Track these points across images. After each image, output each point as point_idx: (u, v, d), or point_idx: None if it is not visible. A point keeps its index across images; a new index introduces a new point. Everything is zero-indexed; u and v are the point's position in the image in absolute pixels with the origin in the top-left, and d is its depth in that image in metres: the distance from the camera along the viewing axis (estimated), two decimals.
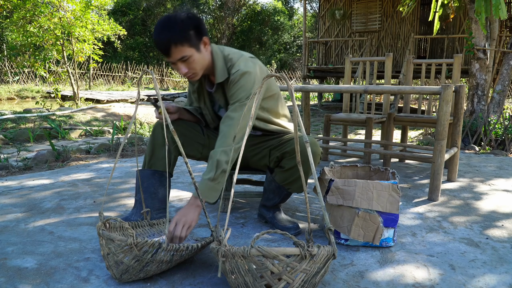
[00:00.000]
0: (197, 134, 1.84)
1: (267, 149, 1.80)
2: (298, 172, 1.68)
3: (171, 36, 1.49)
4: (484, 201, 2.34)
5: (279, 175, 1.75)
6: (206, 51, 1.60)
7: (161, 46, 1.51)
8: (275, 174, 1.77)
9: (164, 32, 1.50)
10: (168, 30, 1.49)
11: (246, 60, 1.65)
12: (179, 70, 1.56)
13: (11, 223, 1.88)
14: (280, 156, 1.73)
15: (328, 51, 11.22)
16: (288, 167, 1.70)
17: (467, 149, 4.21)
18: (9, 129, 5.13)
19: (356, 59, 3.59)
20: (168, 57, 1.53)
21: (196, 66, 1.57)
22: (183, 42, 1.50)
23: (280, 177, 1.75)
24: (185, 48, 1.51)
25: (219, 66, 1.63)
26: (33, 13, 7.76)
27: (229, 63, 1.64)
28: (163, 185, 1.76)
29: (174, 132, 1.32)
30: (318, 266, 1.16)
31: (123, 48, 20.20)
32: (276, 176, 1.76)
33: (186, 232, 1.43)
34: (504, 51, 5.08)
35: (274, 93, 1.78)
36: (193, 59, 1.55)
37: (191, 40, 1.52)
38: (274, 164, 1.78)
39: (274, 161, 1.76)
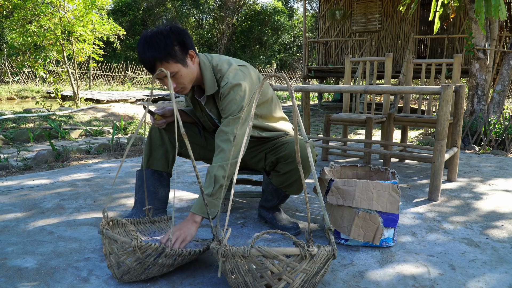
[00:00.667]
0: (195, 135, 1.84)
1: (262, 152, 1.79)
2: (294, 175, 1.67)
3: (155, 54, 1.45)
4: (484, 201, 2.34)
5: (276, 179, 1.74)
6: (193, 64, 1.56)
7: (146, 64, 1.47)
8: (272, 177, 1.77)
9: (148, 50, 1.45)
10: (152, 48, 1.45)
11: (236, 70, 1.59)
12: (166, 83, 1.52)
13: (11, 223, 1.88)
14: (275, 161, 1.71)
15: (328, 51, 11.22)
16: (283, 172, 1.69)
17: (467, 149, 4.21)
18: (9, 129, 5.13)
19: (356, 59, 3.59)
20: (152, 72, 1.49)
21: (184, 81, 1.54)
22: (168, 59, 1.47)
23: (276, 180, 1.74)
24: (171, 65, 1.48)
25: (208, 78, 1.59)
26: (33, 13, 7.76)
27: (218, 74, 1.60)
28: (162, 185, 1.77)
29: (184, 135, 1.28)
30: (318, 266, 1.16)
31: (123, 48, 20.19)
32: (273, 179, 1.76)
33: (180, 246, 1.38)
34: (504, 51, 5.08)
35: (268, 98, 1.73)
36: (180, 74, 1.51)
37: (176, 56, 1.48)
38: (270, 168, 1.77)
39: (269, 165, 1.76)
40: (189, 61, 1.54)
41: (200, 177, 1.38)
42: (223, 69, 1.60)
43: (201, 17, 23.57)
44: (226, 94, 1.55)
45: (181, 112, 1.82)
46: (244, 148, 1.30)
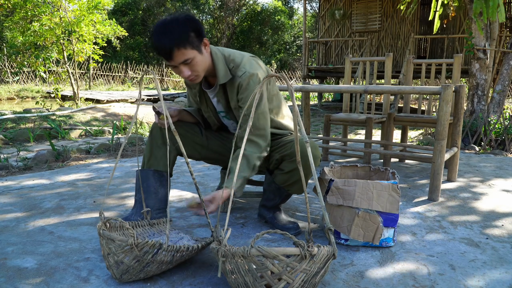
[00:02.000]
0: (196, 135, 1.84)
1: None
2: (298, 174, 1.67)
3: (173, 39, 1.46)
4: (484, 201, 2.34)
5: (279, 177, 1.75)
6: (206, 52, 1.59)
7: (163, 50, 1.48)
8: (275, 175, 1.77)
9: (165, 36, 1.47)
10: (169, 34, 1.47)
11: (250, 60, 1.64)
12: (182, 73, 1.54)
13: (11, 223, 1.88)
14: (280, 159, 1.72)
15: (328, 51, 11.22)
16: (288, 170, 1.69)
17: (467, 149, 4.21)
18: (9, 129, 5.13)
19: (356, 59, 3.59)
20: (170, 61, 1.50)
21: (199, 68, 1.55)
22: (185, 45, 1.48)
23: (279, 179, 1.75)
24: (188, 51, 1.49)
25: (220, 67, 1.62)
26: (33, 13, 7.76)
27: (232, 64, 1.63)
28: (162, 185, 1.77)
29: (175, 133, 1.32)
30: (318, 266, 1.16)
31: (123, 48, 20.19)
32: (276, 178, 1.76)
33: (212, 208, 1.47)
34: (504, 51, 5.08)
35: (275, 92, 1.77)
36: (195, 61, 1.53)
37: (192, 43, 1.50)
38: (274, 166, 1.77)
39: (273, 163, 1.76)
40: (203, 49, 1.57)
41: (193, 173, 1.39)
42: (236, 59, 1.63)
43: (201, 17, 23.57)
44: (246, 84, 1.59)
45: (184, 112, 1.82)
46: (243, 145, 1.31)
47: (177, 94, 11.30)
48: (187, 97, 1.94)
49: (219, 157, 1.91)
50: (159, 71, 18.68)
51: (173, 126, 1.32)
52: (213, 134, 1.89)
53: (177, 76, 19.12)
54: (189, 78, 1.57)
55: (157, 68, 19.02)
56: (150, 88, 16.04)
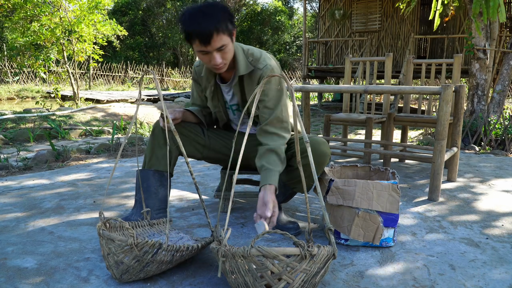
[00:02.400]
0: (198, 135, 1.84)
1: None
2: (306, 171, 1.68)
3: (214, 23, 1.45)
4: (484, 201, 2.34)
5: (287, 174, 1.75)
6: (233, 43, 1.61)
7: (203, 33, 1.46)
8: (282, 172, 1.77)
9: (206, 19, 1.46)
10: (210, 17, 1.46)
11: (268, 56, 1.70)
12: (213, 59, 1.52)
13: (11, 223, 1.88)
14: (289, 155, 1.72)
15: (328, 51, 11.22)
16: (296, 166, 1.70)
17: (467, 149, 4.21)
18: (9, 129, 5.13)
19: (356, 59, 3.59)
20: (207, 45, 1.47)
21: (228, 57, 1.56)
22: (224, 31, 1.48)
23: (287, 176, 1.75)
24: (225, 37, 1.50)
25: (241, 58, 1.64)
26: (33, 13, 7.76)
27: (250, 58, 1.66)
28: (163, 185, 1.76)
29: (175, 133, 1.32)
30: (318, 266, 1.16)
31: (123, 48, 20.19)
32: (282, 175, 1.76)
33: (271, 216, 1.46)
34: (504, 51, 5.07)
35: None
36: (228, 48, 1.54)
37: (229, 30, 1.51)
38: None
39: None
40: (233, 39, 1.58)
41: (193, 173, 1.39)
42: (255, 53, 1.67)
43: None
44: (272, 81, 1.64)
45: (187, 112, 1.82)
46: (244, 144, 1.31)
47: (177, 94, 11.30)
48: (191, 95, 1.94)
49: (220, 157, 1.91)
50: (159, 71, 18.68)
51: (173, 126, 1.32)
52: (215, 134, 1.89)
53: (177, 76, 19.10)
54: (219, 66, 1.55)
55: (157, 68, 19.02)
56: (150, 88, 16.03)
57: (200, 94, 1.87)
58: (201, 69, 1.80)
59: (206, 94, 1.83)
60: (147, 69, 1.43)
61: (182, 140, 1.79)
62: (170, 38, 21.18)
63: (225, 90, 1.77)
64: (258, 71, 1.65)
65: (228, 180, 1.97)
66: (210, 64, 1.56)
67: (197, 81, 1.83)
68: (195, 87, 1.87)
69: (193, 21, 1.46)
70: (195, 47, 1.51)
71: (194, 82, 1.86)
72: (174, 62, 22.85)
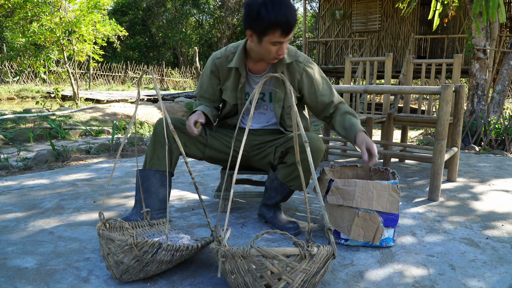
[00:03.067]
0: (200, 134, 1.84)
1: (272, 146, 1.81)
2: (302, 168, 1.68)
3: (295, 15, 1.53)
4: (484, 201, 2.34)
5: (282, 171, 1.75)
6: None
7: (289, 23, 1.51)
8: (278, 171, 1.78)
9: (291, 11, 1.51)
10: (293, 9, 1.52)
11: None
12: (282, 50, 1.59)
13: (11, 223, 1.88)
14: (285, 151, 1.73)
15: (328, 51, 11.22)
16: (291, 162, 1.70)
17: (467, 149, 4.21)
18: (9, 129, 5.14)
19: (356, 59, 3.59)
20: (286, 36, 1.54)
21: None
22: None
23: (283, 173, 1.75)
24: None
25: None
26: (33, 13, 7.76)
27: (287, 50, 1.73)
28: (163, 185, 1.76)
29: (174, 132, 1.33)
30: (318, 266, 1.16)
31: (123, 48, 20.19)
32: (279, 173, 1.77)
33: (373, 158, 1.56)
34: (504, 51, 5.08)
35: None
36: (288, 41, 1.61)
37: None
38: (278, 161, 1.78)
39: (278, 158, 1.77)
40: None
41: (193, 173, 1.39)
42: (290, 47, 1.75)
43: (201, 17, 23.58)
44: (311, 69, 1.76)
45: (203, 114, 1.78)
46: (244, 141, 1.31)
47: (177, 94, 11.30)
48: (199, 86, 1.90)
49: (222, 156, 1.90)
50: (159, 71, 18.68)
51: (171, 126, 1.32)
52: (217, 133, 1.88)
53: (177, 76, 19.10)
54: (280, 57, 1.63)
55: (157, 68, 19.02)
56: (150, 88, 16.03)
57: (215, 87, 1.84)
58: (223, 61, 1.79)
59: (224, 86, 1.81)
60: (146, 70, 1.42)
61: (184, 139, 1.79)
62: (170, 38, 21.19)
63: (257, 80, 1.79)
64: (299, 63, 1.73)
65: (228, 180, 1.96)
66: (274, 55, 1.61)
67: (216, 73, 1.82)
68: (211, 80, 1.84)
69: (278, 11, 1.49)
70: (270, 38, 1.54)
71: (211, 74, 1.83)
72: (174, 62, 22.86)
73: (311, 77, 1.75)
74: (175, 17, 21.57)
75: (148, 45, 21.61)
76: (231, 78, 1.79)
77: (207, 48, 22.95)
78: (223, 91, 1.84)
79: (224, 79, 1.81)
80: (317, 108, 1.80)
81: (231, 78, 1.79)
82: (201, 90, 1.89)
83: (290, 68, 1.74)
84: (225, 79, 1.81)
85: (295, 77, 1.74)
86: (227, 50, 1.81)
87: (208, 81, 1.85)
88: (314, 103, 1.79)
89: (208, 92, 1.87)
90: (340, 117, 1.76)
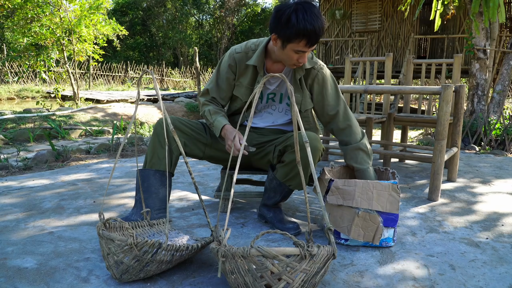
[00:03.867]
0: (200, 133, 1.84)
1: (272, 146, 1.81)
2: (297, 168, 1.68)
3: (324, 28, 1.53)
4: (484, 201, 2.34)
5: (280, 171, 1.75)
6: None
7: (315, 36, 1.52)
8: (277, 171, 1.78)
9: (320, 23, 1.51)
10: (322, 22, 1.52)
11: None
12: (302, 58, 1.60)
13: (11, 223, 1.88)
14: (282, 150, 1.73)
15: (328, 51, 11.22)
16: (288, 161, 1.70)
17: (467, 149, 4.21)
18: (9, 129, 5.14)
19: (356, 59, 3.59)
20: (310, 46, 1.55)
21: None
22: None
23: (281, 172, 1.75)
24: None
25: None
26: (34, 13, 7.76)
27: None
28: (163, 184, 1.76)
29: (174, 132, 1.33)
30: (318, 266, 1.16)
31: (123, 48, 20.19)
32: (278, 173, 1.77)
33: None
34: (504, 51, 5.08)
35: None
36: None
37: None
38: (277, 160, 1.78)
39: (277, 156, 1.77)
40: None
41: (193, 173, 1.39)
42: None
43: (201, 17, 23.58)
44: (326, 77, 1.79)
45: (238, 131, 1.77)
46: (244, 140, 1.31)
47: (177, 94, 11.30)
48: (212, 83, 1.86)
49: (222, 156, 1.90)
50: (159, 71, 18.68)
51: (171, 126, 1.32)
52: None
53: (177, 76, 19.10)
54: (300, 65, 1.64)
55: (157, 68, 19.02)
56: (150, 88, 16.03)
57: (231, 82, 1.82)
58: (242, 56, 1.78)
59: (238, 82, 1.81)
60: (146, 70, 1.42)
61: (184, 138, 1.79)
62: (170, 38, 21.19)
63: (272, 81, 1.81)
64: (314, 70, 1.76)
65: (228, 180, 1.96)
66: (294, 61, 1.61)
67: (233, 68, 1.80)
68: (228, 74, 1.81)
69: (309, 21, 1.49)
70: (294, 46, 1.55)
71: (227, 69, 1.80)
72: (174, 62, 22.87)
73: (323, 84, 1.78)
74: (175, 17, 21.57)
75: (148, 45, 21.61)
76: (248, 75, 1.79)
77: (207, 48, 22.96)
78: (236, 87, 1.83)
79: (240, 75, 1.80)
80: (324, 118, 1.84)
81: (248, 75, 1.79)
82: (214, 85, 1.85)
83: (309, 73, 1.77)
84: (240, 75, 1.80)
85: (308, 79, 1.78)
86: (247, 47, 1.79)
87: (224, 75, 1.82)
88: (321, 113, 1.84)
89: (222, 89, 1.84)
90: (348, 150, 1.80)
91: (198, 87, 7.90)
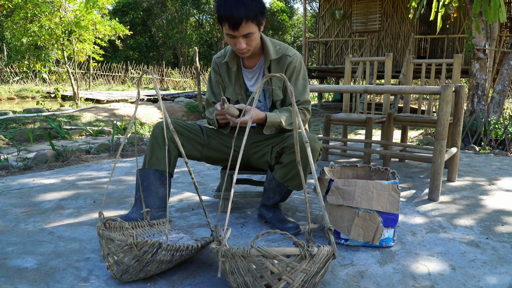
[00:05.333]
0: (197, 134, 1.85)
1: (269, 146, 1.81)
2: (297, 167, 1.68)
3: (246, 12, 1.56)
4: (484, 201, 2.34)
5: (279, 172, 1.75)
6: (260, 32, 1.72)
7: (233, 19, 1.56)
8: (275, 171, 1.78)
9: (239, 6, 1.55)
10: (244, 7, 1.56)
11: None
12: (238, 44, 1.64)
13: (11, 223, 1.88)
14: (280, 151, 1.74)
15: (328, 51, 11.22)
16: (286, 162, 1.70)
17: (467, 149, 4.21)
18: (9, 129, 5.14)
19: (356, 59, 3.58)
20: (234, 30, 1.59)
21: (253, 44, 1.68)
22: (253, 20, 1.59)
23: (279, 173, 1.75)
24: (253, 26, 1.61)
25: (270, 45, 1.78)
26: (34, 13, 7.76)
27: (278, 46, 1.81)
28: (163, 184, 1.77)
29: (174, 132, 1.33)
30: (318, 266, 1.16)
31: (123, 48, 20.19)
32: (276, 174, 1.77)
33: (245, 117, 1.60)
34: (504, 51, 5.07)
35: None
36: (254, 36, 1.65)
37: (258, 19, 1.62)
38: (275, 161, 1.78)
39: (274, 157, 1.77)
40: (261, 28, 1.70)
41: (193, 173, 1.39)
42: (281, 44, 1.83)
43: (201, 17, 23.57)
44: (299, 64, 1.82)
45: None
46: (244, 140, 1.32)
47: (177, 94, 11.29)
48: (209, 92, 1.97)
49: (220, 156, 1.91)
50: (159, 71, 18.67)
51: (171, 126, 1.32)
52: (214, 133, 1.89)
53: (177, 76, 19.10)
54: (242, 51, 1.68)
55: (157, 68, 19.01)
56: (150, 88, 16.02)
57: (221, 83, 1.92)
58: (221, 58, 1.89)
59: (225, 83, 1.89)
60: (146, 70, 1.43)
61: (181, 139, 1.80)
62: (170, 38, 21.19)
63: (249, 76, 1.86)
64: (288, 57, 1.79)
65: (228, 180, 1.97)
66: (235, 48, 1.67)
67: (217, 71, 1.91)
68: (215, 78, 1.93)
69: (226, 6, 1.56)
70: (224, 30, 1.63)
71: (214, 73, 1.92)
72: (174, 62, 22.86)
73: (292, 73, 1.81)
74: (175, 17, 21.57)
75: (148, 45, 21.61)
76: (227, 74, 1.88)
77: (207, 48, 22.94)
78: (226, 89, 1.91)
79: (224, 76, 1.89)
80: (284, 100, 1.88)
81: (227, 74, 1.88)
82: (210, 92, 1.97)
83: (280, 62, 1.80)
84: (224, 76, 1.89)
85: (283, 69, 1.81)
86: (225, 50, 1.89)
87: (214, 79, 1.94)
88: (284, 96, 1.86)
89: (216, 92, 1.94)
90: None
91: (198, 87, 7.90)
